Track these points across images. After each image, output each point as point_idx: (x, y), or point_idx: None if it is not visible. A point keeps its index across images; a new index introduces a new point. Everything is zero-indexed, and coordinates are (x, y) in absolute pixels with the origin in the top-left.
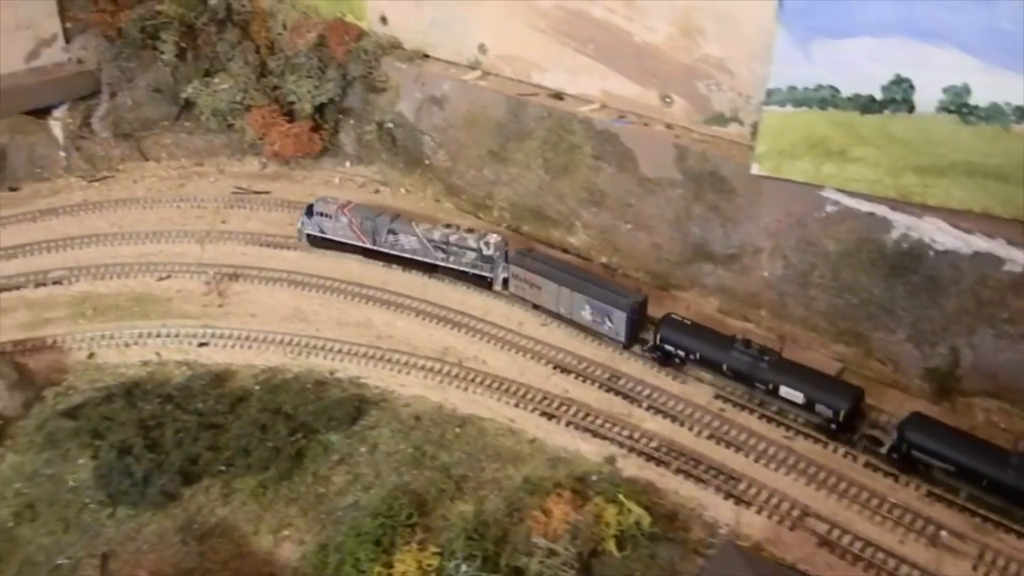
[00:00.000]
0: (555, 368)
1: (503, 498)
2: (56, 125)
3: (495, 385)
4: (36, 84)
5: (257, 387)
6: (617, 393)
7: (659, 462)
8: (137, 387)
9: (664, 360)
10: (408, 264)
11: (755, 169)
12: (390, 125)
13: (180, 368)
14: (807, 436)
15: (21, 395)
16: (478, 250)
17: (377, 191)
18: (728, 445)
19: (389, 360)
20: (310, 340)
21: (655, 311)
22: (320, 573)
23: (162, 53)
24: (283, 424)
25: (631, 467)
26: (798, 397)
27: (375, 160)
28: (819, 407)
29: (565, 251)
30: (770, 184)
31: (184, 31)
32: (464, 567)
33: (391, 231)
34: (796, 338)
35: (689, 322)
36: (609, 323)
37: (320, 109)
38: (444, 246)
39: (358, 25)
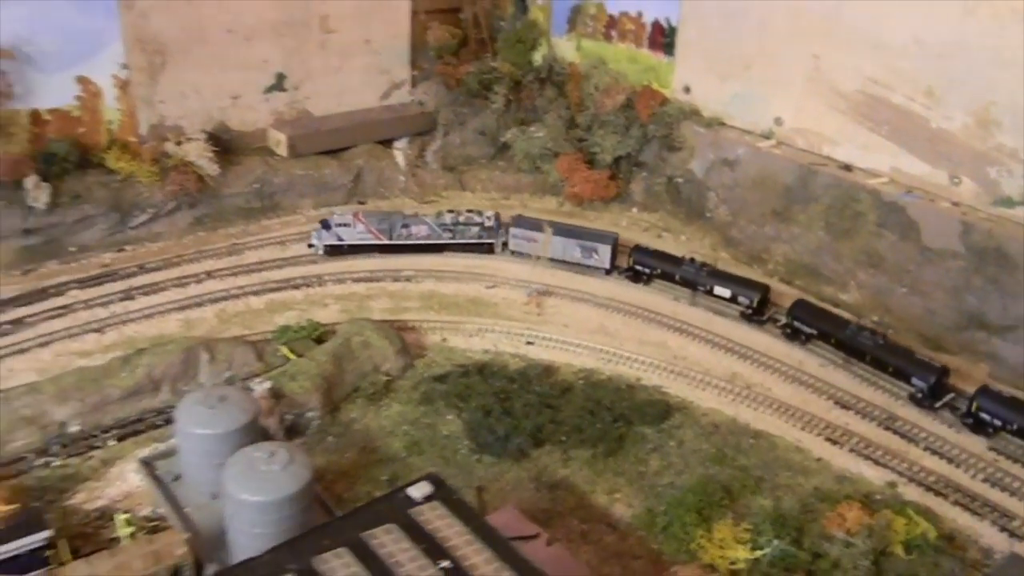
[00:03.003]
0: (835, 403)
1: (797, 499)
2: (399, 154)
3: (781, 409)
4: (388, 119)
5: (580, 382)
6: (895, 432)
7: (937, 493)
8: (485, 368)
9: (635, 277)
10: (420, 249)
11: None
12: (679, 180)
13: (514, 359)
14: None
15: (402, 360)
16: (480, 224)
17: (660, 236)
18: (1003, 489)
19: (686, 376)
20: (616, 352)
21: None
22: (650, 529)
23: (492, 103)
24: (606, 413)
25: (911, 493)
26: (726, 293)
27: (659, 209)
28: (740, 298)
29: (836, 306)
30: None
31: (512, 86)
32: (775, 541)
33: (404, 225)
34: None
35: (651, 248)
36: (596, 256)
37: (617, 161)
38: (452, 227)
39: (662, 92)
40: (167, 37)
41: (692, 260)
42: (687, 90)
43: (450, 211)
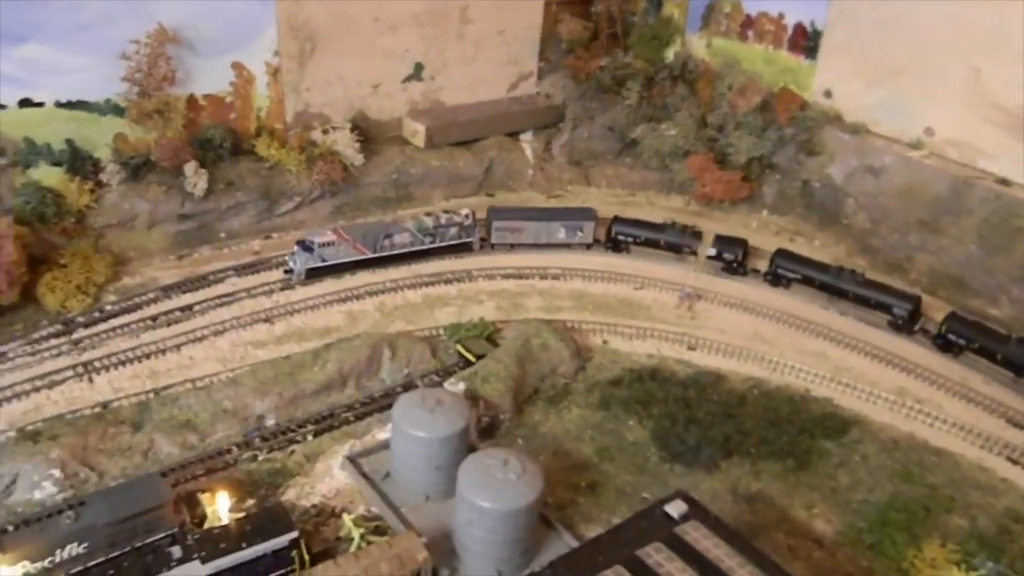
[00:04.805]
0: (1007, 422)
1: (991, 520)
2: (527, 147)
3: (957, 427)
4: (518, 111)
5: (755, 391)
6: None
7: None
8: (657, 373)
9: (616, 247)
10: (403, 258)
11: None
12: (815, 184)
13: (679, 365)
14: None
15: (575, 363)
16: (460, 224)
17: (792, 240)
18: None
19: (854, 389)
20: (778, 361)
21: None
22: (856, 546)
23: (625, 99)
24: (787, 425)
25: None
26: (712, 252)
27: (790, 212)
28: (725, 255)
29: (985, 319)
30: None
31: (644, 82)
32: (990, 563)
33: (387, 236)
34: None
35: (632, 219)
36: (580, 233)
37: (750, 162)
38: (433, 231)
39: (801, 95)
40: (317, 24)
41: (674, 224)
42: (828, 94)
43: (427, 214)
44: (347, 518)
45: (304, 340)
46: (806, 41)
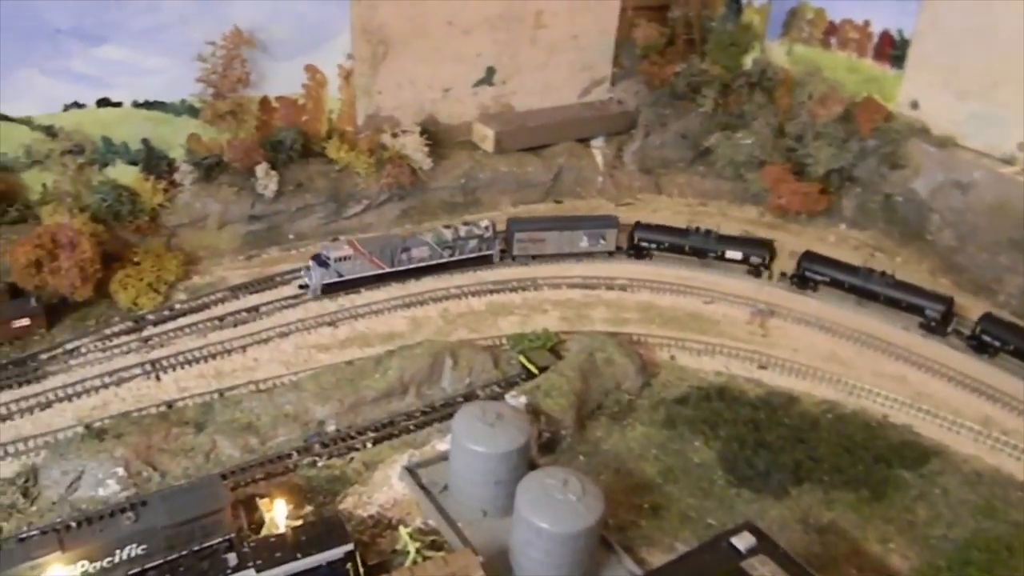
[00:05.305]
0: None
1: None
2: (598, 154)
3: None
4: (589, 117)
5: (827, 415)
6: None
7: None
8: (724, 392)
9: (639, 254)
10: (422, 272)
11: None
12: (898, 199)
13: (749, 384)
14: None
15: (640, 378)
16: (480, 236)
17: (872, 255)
18: None
19: (935, 416)
20: (855, 384)
21: None
22: None
23: (700, 106)
24: (863, 452)
25: None
26: (737, 256)
27: (870, 227)
28: (751, 258)
29: None
30: None
31: (720, 89)
32: None
33: (404, 249)
34: None
35: (654, 224)
36: (603, 241)
37: (828, 174)
38: (452, 244)
39: (886, 106)
40: (391, 28)
41: (698, 229)
42: (915, 105)
43: (447, 226)
44: (403, 531)
45: (367, 345)
46: (893, 50)
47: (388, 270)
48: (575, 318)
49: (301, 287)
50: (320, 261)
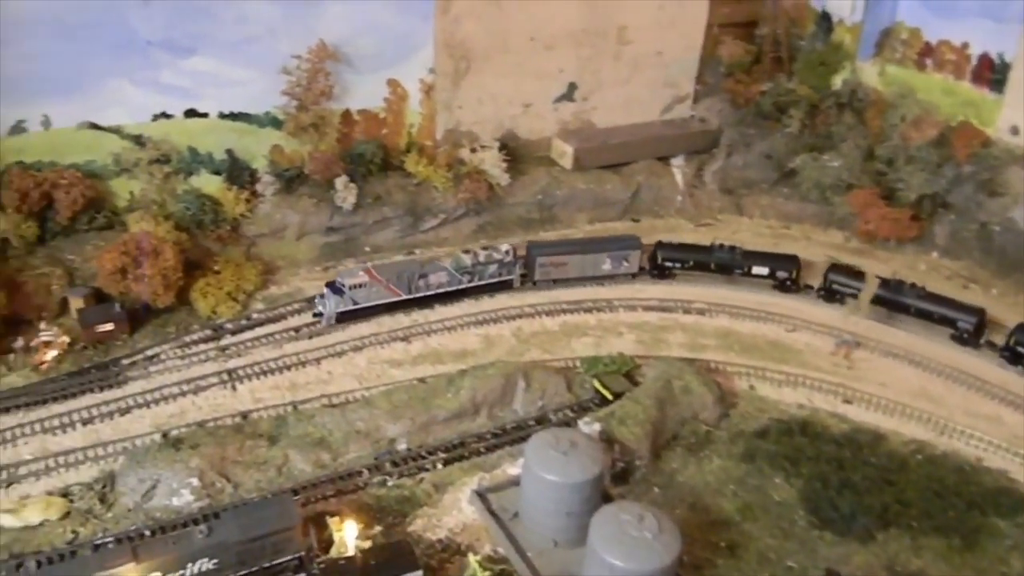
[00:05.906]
0: None
1: None
2: (678, 172)
3: None
4: (670, 135)
5: (918, 456)
6: None
7: None
8: (807, 427)
9: (662, 273)
10: (440, 299)
11: None
12: (996, 228)
13: (833, 419)
14: None
15: (719, 409)
16: (500, 261)
17: (966, 286)
18: None
19: None
20: (946, 423)
21: None
22: None
23: (786, 126)
24: (954, 498)
25: None
26: (764, 271)
27: (964, 256)
28: (778, 273)
29: None
30: None
31: (808, 109)
32: None
33: (422, 276)
34: None
35: (676, 242)
36: (626, 264)
37: (920, 200)
38: (471, 269)
39: (984, 131)
40: (474, 43)
41: (722, 246)
42: (1015, 131)
43: (466, 251)
44: (472, 558)
45: (439, 362)
46: (992, 73)
47: (404, 297)
48: (651, 342)
49: (315, 315)
50: (335, 289)
